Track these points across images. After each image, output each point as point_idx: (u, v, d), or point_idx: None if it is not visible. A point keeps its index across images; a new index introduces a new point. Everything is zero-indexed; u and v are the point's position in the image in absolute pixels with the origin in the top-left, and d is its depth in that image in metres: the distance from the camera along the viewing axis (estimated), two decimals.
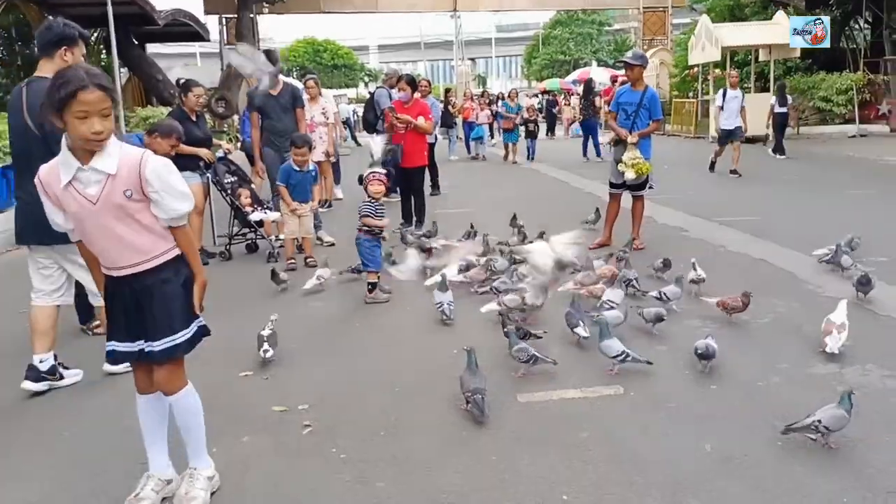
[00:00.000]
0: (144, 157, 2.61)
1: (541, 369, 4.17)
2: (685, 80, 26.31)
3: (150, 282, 2.68)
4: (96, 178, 2.55)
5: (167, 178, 2.65)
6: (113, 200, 2.57)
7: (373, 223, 5.84)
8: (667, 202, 9.62)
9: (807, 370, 4.03)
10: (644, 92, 7.06)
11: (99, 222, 2.59)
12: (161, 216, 2.67)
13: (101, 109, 2.50)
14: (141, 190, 2.60)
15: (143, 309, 2.70)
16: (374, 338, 4.97)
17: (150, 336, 2.71)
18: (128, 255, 2.64)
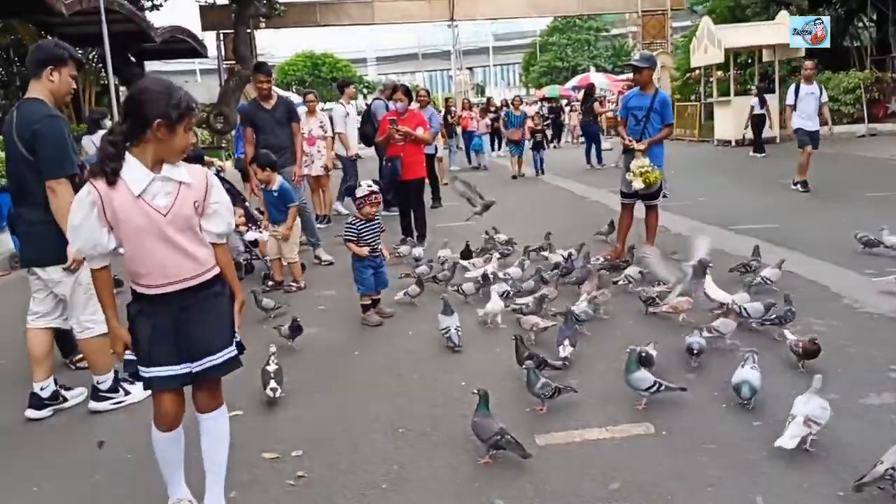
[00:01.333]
0: (206, 170, 2.73)
1: (559, 403, 3.75)
2: (687, 84, 25.93)
3: (207, 292, 2.68)
4: (168, 188, 2.56)
5: (222, 192, 2.75)
6: (183, 212, 2.59)
7: (354, 250, 5.46)
8: (679, 210, 9.19)
9: (859, 400, 3.60)
10: (654, 95, 6.66)
11: (164, 234, 2.57)
12: (214, 230, 2.70)
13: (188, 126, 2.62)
14: (204, 201, 2.65)
15: (195, 325, 2.66)
16: (375, 369, 4.55)
17: (208, 351, 2.68)
18: (188, 266, 2.63)
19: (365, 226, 5.48)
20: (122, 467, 3.50)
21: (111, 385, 4.24)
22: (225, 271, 2.79)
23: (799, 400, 3.22)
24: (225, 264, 2.79)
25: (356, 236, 5.46)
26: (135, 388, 4.30)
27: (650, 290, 5.24)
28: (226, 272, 2.79)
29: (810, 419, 3.15)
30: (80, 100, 19.02)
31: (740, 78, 22.00)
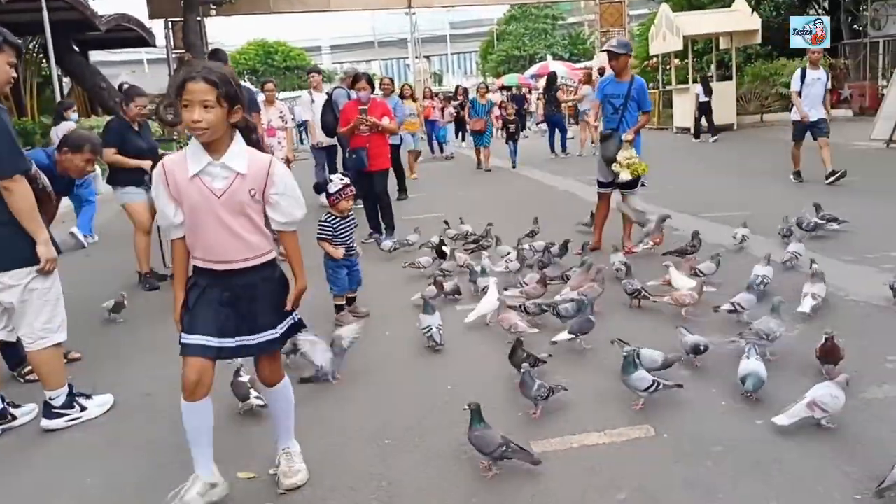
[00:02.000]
0: (273, 161, 2.80)
1: (552, 405, 3.57)
2: (645, 71, 26.00)
3: (254, 278, 2.81)
4: (225, 174, 2.69)
5: (290, 184, 2.81)
6: (237, 197, 2.71)
7: (329, 251, 5.14)
8: (650, 198, 9.03)
9: (861, 395, 3.48)
10: (631, 83, 6.51)
11: (217, 215, 2.70)
12: (278, 219, 2.81)
13: (203, 100, 2.61)
14: (263, 191, 2.74)
15: (242, 305, 2.80)
16: (353, 376, 4.27)
17: (249, 331, 2.83)
18: (238, 249, 2.75)
19: (340, 222, 5.17)
20: (81, 494, 3.20)
21: (65, 401, 3.89)
22: (291, 258, 2.92)
23: (816, 386, 3.19)
24: (291, 251, 2.91)
25: (331, 235, 5.14)
26: (91, 404, 4.00)
27: (635, 283, 5.09)
28: (291, 259, 2.92)
29: (815, 403, 3.10)
30: (21, 91, 18.15)
31: (698, 65, 22.12)
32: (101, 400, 4.08)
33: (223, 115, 2.66)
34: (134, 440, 3.67)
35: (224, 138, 2.71)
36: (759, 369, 3.46)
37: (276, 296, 2.89)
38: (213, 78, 2.63)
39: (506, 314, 4.57)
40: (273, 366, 3.02)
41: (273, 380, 3.04)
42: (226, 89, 2.65)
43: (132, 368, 4.71)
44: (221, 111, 2.65)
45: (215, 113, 2.63)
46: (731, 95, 19.72)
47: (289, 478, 3.05)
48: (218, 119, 2.64)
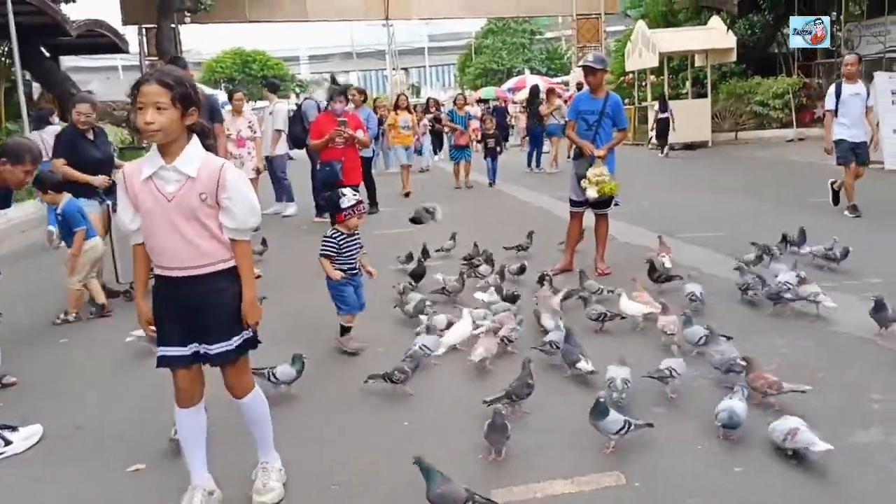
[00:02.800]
0: (225, 166, 2.75)
1: (514, 448, 3.29)
2: (621, 87, 26.05)
3: (207, 287, 2.76)
4: (176, 177, 2.66)
5: (242, 189, 2.76)
6: (187, 202, 2.67)
7: (329, 271, 4.71)
8: (624, 217, 8.87)
9: (846, 439, 3.25)
10: (606, 99, 6.30)
11: (169, 220, 2.68)
12: (228, 224, 2.73)
13: (156, 102, 2.59)
14: (216, 195, 2.69)
15: (198, 313, 2.77)
16: (298, 410, 3.98)
17: (205, 339, 2.79)
18: (190, 256, 2.72)
19: (346, 240, 4.74)
20: None
21: None
22: (241, 267, 2.81)
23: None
24: (243, 259, 2.82)
25: (336, 252, 4.72)
26: (16, 437, 3.67)
27: (598, 307, 4.87)
28: (240, 267, 2.81)
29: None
30: None
31: (673, 82, 22.16)
32: (29, 432, 3.77)
33: (177, 117, 2.64)
34: (60, 478, 3.35)
35: (179, 141, 2.69)
36: (738, 408, 3.22)
37: (233, 307, 2.81)
38: (167, 80, 2.62)
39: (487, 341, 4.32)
40: (239, 377, 2.96)
41: (240, 392, 2.98)
42: (180, 91, 2.63)
43: (65, 397, 4.37)
44: (175, 113, 2.63)
45: (168, 115, 2.61)
46: (706, 113, 19.74)
47: (260, 495, 2.98)
48: (171, 121, 2.62)
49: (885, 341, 4.39)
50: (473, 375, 4.29)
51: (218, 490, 3.00)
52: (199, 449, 2.97)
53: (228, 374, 2.94)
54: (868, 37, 19.53)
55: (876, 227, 7.98)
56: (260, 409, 3.07)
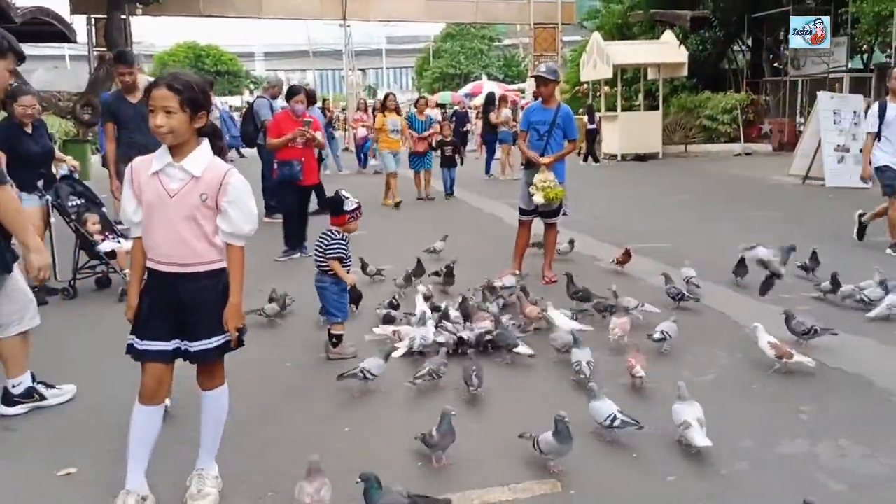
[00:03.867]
0: (231, 171, 2.85)
1: (454, 455, 3.30)
2: (576, 97, 26.39)
3: (194, 285, 2.83)
4: (181, 176, 2.77)
5: (243, 195, 2.84)
6: (188, 200, 2.77)
7: (344, 276, 4.70)
8: (574, 226, 9.00)
9: (775, 449, 3.36)
10: (557, 110, 6.38)
11: (167, 215, 2.77)
12: (224, 228, 2.81)
13: (164, 106, 2.70)
14: (216, 198, 2.78)
15: (183, 309, 2.83)
16: (241, 414, 3.91)
17: (188, 336, 2.85)
18: (184, 254, 2.80)
19: (345, 243, 4.76)
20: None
21: (25, 390, 3.95)
22: (232, 273, 2.88)
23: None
24: (235, 264, 2.88)
25: (346, 254, 4.71)
26: (50, 394, 4.03)
27: None
28: (231, 273, 2.88)
29: None
30: None
31: (626, 94, 22.55)
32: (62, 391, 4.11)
33: (186, 120, 2.74)
34: None
35: (189, 143, 2.80)
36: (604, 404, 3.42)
37: (217, 307, 2.87)
38: (177, 85, 2.73)
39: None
40: (212, 373, 3.01)
41: (209, 384, 3.03)
42: (189, 96, 2.73)
43: None
44: (184, 116, 2.73)
45: (177, 118, 2.72)
46: (657, 125, 20.12)
47: (195, 500, 2.96)
48: (180, 124, 2.73)
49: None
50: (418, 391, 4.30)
51: (152, 496, 2.95)
52: (146, 452, 2.95)
53: (203, 369, 3.00)
54: (813, 57, 20.19)
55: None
56: (221, 406, 3.09)
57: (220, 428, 3.10)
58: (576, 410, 3.66)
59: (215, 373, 3.03)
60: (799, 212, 10.45)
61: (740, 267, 6.21)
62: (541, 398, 3.98)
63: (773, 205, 11.15)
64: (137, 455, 2.93)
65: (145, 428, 2.92)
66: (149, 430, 2.94)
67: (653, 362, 4.30)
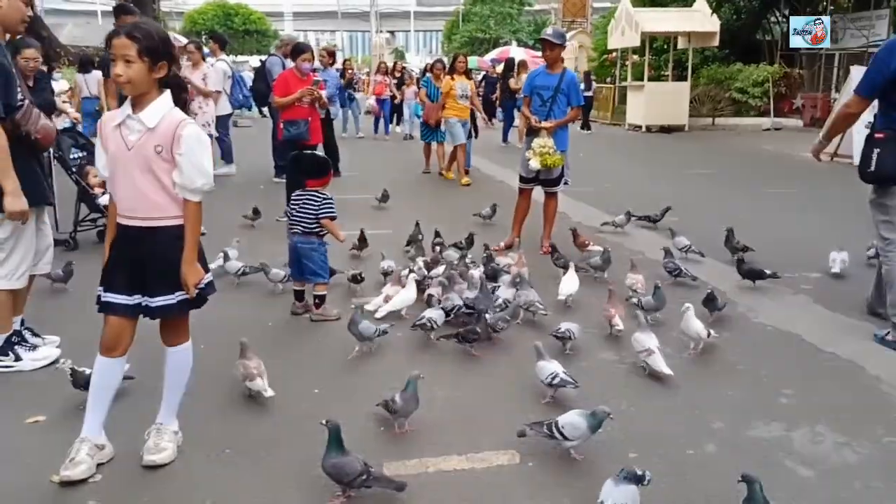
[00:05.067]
0: (185, 121, 2.80)
1: (417, 423, 3.24)
2: (603, 65, 25.89)
3: (154, 239, 2.81)
4: (138, 127, 2.75)
5: (196, 148, 2.79)
6: (144, 152, 2.75)
7: (338, 234, 4.84)
8: (582, 196, 8.84)
9: (747, 432, 3.24)
10: (562, 75, 6.19)
11: (127, 168, 2.76)
12: (177, 180, 2.78)
13: (124, 55, 2.68)
14: (171, 149, 2.75)
15: (144, 264, 2.82)
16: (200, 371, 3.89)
17: (149, 292, 2.84)
18: (144, 207, 2.79)
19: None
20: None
21: (2, 347, 3.87)
22: (186, 226, 2.84)
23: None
24: (189, 220, 2.84)
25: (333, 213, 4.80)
26: (27, 357, 3.94)
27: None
28: (186, 228, 2.84)
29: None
30: None
31: (655, 63, 22.02)
32: (41, 354, 4.00)
33: (145, 69, 2.70)
34: None
35: (149, 94, 2.77)
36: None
37: (177, 263, 2.83)
38: (136, 33, 2.69)
39: None
40: (176, 329, 3.01)
41: (173, 340, 3.02)
42: (147, 44, 2.69)
43: None
44: (143, 66, 2.70)
45: (135, 68, 2.69)
46: (684, 97, 19.63)
47: (151, 454, 2.95)
48: (138, 74, 2.70)
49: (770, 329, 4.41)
50: (397, 347, 4.25)
51: (109, 445, 2.96)
52: (104, 403, 2.93)
53: (167, 325, 2.99)
54: (853, 30, 19.49)
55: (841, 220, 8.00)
56: (184, 363, 3.07)
57: (182, 384, 3.09)
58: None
59: (179, 329, 3.01)
60: (823, 189, 10.14)
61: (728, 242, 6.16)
62: (508, 367, 3.95)
63: (798, 182, 10.83)
64: (96, 405, 2.92)
65: (104, 378, 2.91)
66: (108, 381, 2.92)
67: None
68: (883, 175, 4.25)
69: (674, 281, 5.38)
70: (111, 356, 2.88)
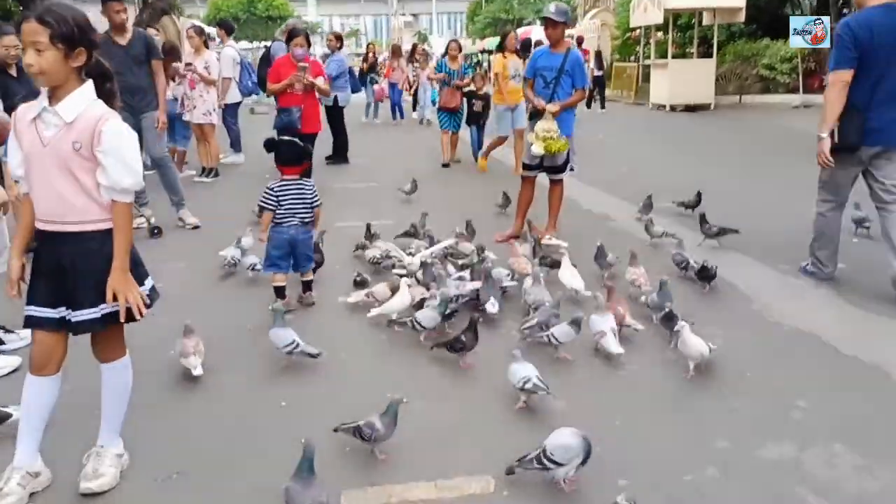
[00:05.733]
0: (105, 115, 2.54)
1: (385, 446, 2.93)
2: (626, 44, 25.17)
3: (76, 247, 2.56)
4: (56, 121, 2.50)
5: (120, 145, 2.54)
6: (60, 148, 2.50)
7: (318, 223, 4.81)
8: (595, 181, 8.44)
9: (753, 452, 2.90)
10: (566, 55, 5.80)
11: (43, 166, 2.52)
12: (102, 181, 2.53)
13: (34, 41, 2.42)
14: (91, 147, 2.50)
15: (65, 273, 2.57)
16: (163, 384, 3.64)
17: (71, 304, 2.58)
18: (60, 210, 2.54)
19: None
20: None
21: None
22: (115, 232, 2.57)
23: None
24: (117, 224, 2.57)
25: None
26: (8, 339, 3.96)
27: None
28: (115, 233, 2.57)
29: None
30: None
31: (680, 40, 21.32)
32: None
33: (59, 58, 2.44)
34: None
35: (67, 85, 2.50)
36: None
37: (103, 272, 2.56)
38: (47, 18, 2.42)
39: None
40: (108, 344, 2.74)
41: (105, 356, 2.76)
42: (61, 30, 2.42)
43: None
44: (56, 54, 2.43)
45: (47, 57, 2.42)
46: (710, 74, 18.95)
47: (88, 480, 2.68)
48: (51, 63, 2.43)
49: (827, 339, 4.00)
50: (378, 354, 3.96)
51: (47, 471, 2.72)
52: (37, 427, 2.68)
53: (99, 338, 2.74)
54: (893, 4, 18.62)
55: None
56: (121, 381, 2.81)
57: (122, 403, 2.83)
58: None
59: (112, 345, 2.75)
60: None
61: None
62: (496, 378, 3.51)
63: None
64: (28, 430, 2.67)
65: (34, 400, 2.66)
66: (38, 403, 2.66)
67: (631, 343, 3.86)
68: (845, 145, 4.58)
69: (682, 275, 5.00)
70: (42, 375, 2.63)
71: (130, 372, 2.83)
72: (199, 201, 7.43)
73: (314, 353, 3.64)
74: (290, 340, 3.59)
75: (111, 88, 2.65)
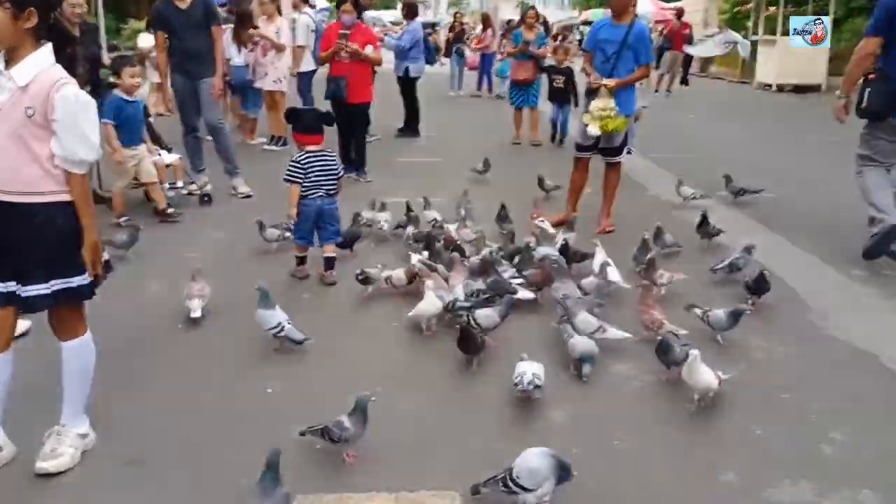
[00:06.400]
0: (61, 80, 2.41)
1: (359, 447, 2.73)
2: (735, 18, 23.72)
3: (28, 220, 2.45)
4: (9, 85, 2.39)
5: (76, 114, 2.42)
6: (13, 114, 2.39)
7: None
8: (669, 164, 7.90)
9: (763, 491, 2.51)
10: (630, 27, 5.32)
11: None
12: (56, 151, 2.42)
13: None
14: (45, 114, 2.39)
15: (12, 246, 2.47)
16: (148, 375, 3.57)
17: (18, 279, 2.49)
18: (10, 179, 2.43)
19: None
20: None
21: None
22: (77, 205, 2.49)
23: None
24: (77, 196, 2.49)
25: None
26: None
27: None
28: (78, 206, 2.50)
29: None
30: None
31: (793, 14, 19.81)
32: None
33: (7, 18, 2.33)
34: None
35: (24, 47, 2.40)
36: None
37: (54, 247, 2.50)
38: None
39: None
40: (65, 321, 2.63)
41: (64, 334, 2.65)
42: None
43: None
44: (4, 14, 2.33)
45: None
46: (823, 53, 17.53)
47: (44, 460, 2.59)
48: (1, 24, 2.32)
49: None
50: (374, 344, 3.77)
51: (11, 445, 2.66)
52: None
53: (54, 317, 2.64)
54: None
55: None
56: (83, 361, 2.71)
57: (84, 383, 2.73)
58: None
59: (70, 322, 2.65)
60: None
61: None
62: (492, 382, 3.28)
63: None
64: None
65: None
66: None
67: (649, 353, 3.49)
68: (870, 110, 4.86)
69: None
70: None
71: (92, 349, 2.73)
72: (264, 169, 7.41)
73: (299, 340, 3.47)
74: (275, 323, 3.44)
75: (72, 53, 2.54)
